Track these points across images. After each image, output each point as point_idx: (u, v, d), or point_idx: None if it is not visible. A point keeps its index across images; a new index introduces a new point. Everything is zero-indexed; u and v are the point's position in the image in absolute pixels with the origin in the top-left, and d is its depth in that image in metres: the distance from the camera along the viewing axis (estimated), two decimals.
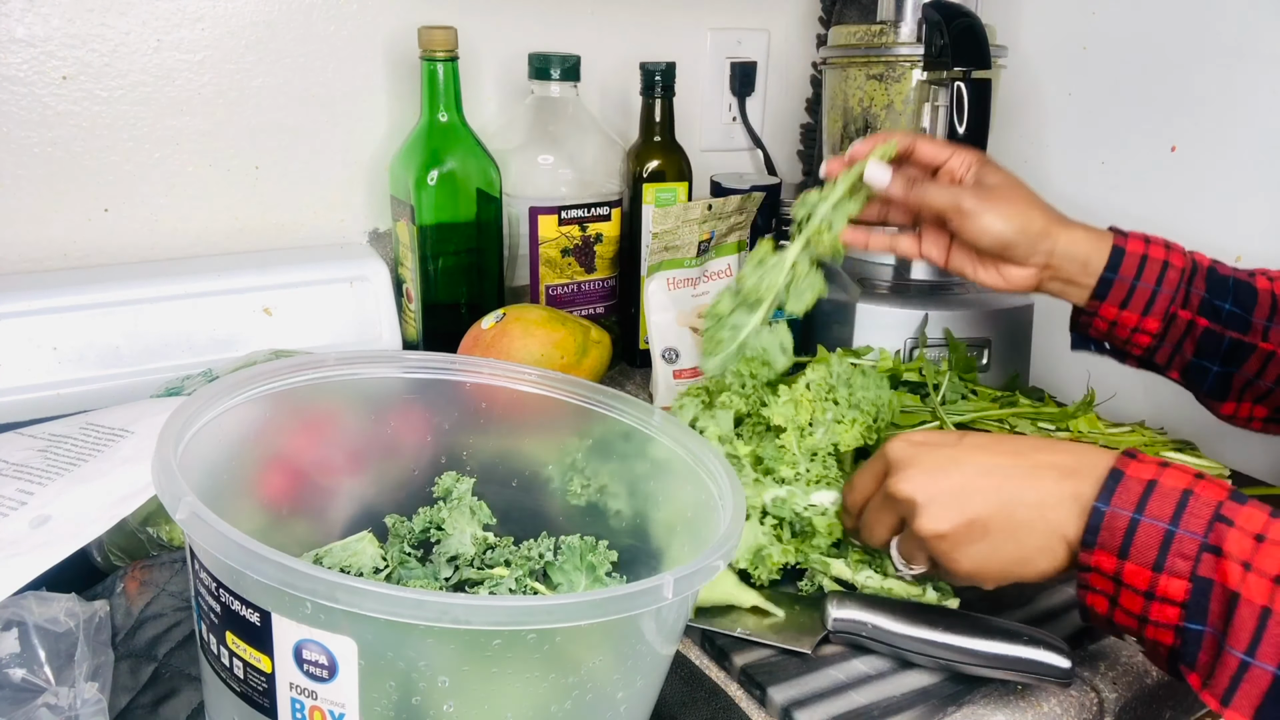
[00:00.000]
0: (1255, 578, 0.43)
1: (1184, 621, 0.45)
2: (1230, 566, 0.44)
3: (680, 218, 0.81)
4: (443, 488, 0.58)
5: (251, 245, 0.97)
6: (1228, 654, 0.43)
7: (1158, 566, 0.45)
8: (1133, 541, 0.46)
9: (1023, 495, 0.51)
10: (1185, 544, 0.45)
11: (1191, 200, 0.97)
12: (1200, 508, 0.46)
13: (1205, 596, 0.44)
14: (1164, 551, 0.45)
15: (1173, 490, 0.47)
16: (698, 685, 0.56)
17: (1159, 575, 0.45)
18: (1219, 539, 0.45)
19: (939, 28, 0.88)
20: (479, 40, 1.01)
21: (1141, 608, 0.47)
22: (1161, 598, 0.46)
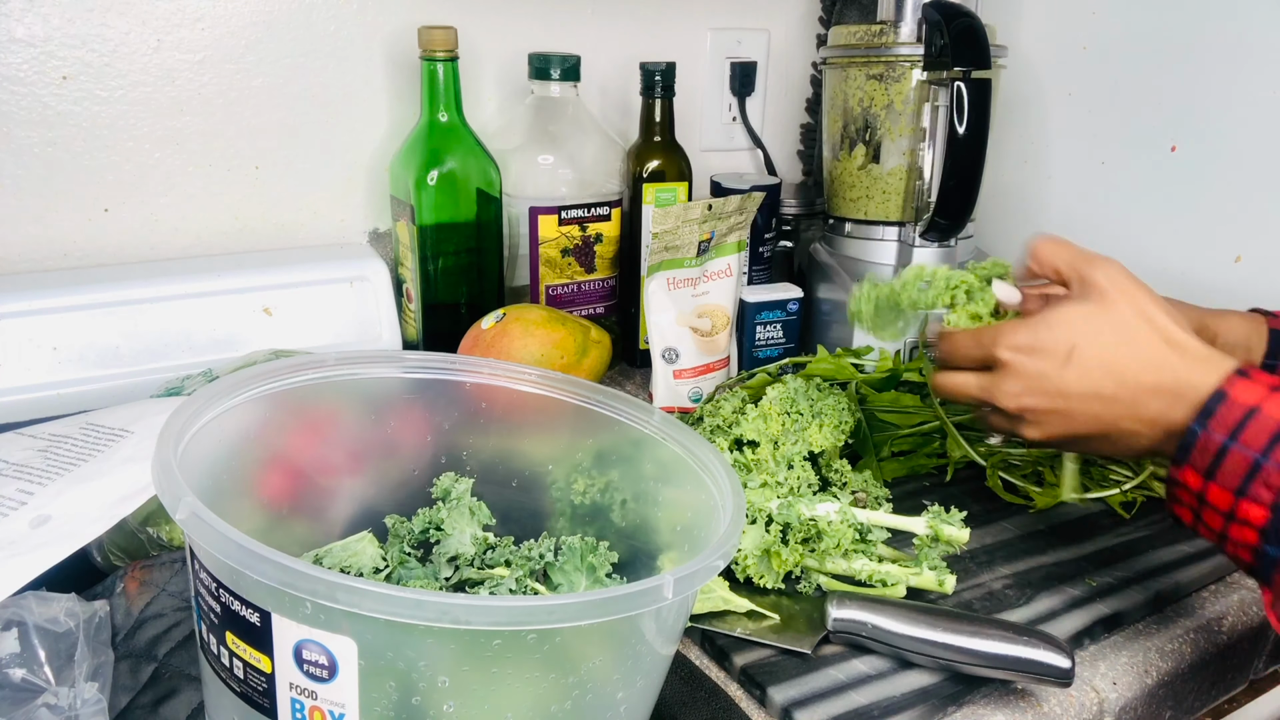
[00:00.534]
0: None
1: (1262, 544, 0.48)
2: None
3: (680, 218, 0.81)
4: (441, 488, 0.58)
5: (251, 245, 0.97)
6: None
7: (1240, 492, 0.48)
8: (1221, 465, 0.49)
9: (1122, 424, 0.54)
10: (1271, 475, 0.47)
11: (1191, 200, 0.97)
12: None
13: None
14: (1248, 479, 0.48)
15: (1271, 419, 0.48)
16: (698, 685, 0.56)
17: (1239, 500, 0.48)
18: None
19: (939, 28, 0.88)
20: (479, 40, 1.01)
21: (1222, 526, 0.50)
22: (1242, 520, 0.49)
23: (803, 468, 0.68)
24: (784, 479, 0.67)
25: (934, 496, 0.77)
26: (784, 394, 0.73)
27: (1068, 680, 0.55)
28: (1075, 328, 0.55)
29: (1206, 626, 0.64)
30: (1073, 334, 0.55)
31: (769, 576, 0.63)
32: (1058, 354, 0.55)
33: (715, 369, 0.88)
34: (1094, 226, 1.06)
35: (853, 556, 0.64)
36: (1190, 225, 0.97)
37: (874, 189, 1.01)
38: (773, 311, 0.94)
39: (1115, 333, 0.54)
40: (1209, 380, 0.51)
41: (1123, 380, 0.53)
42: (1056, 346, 0.55)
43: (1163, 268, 0.98)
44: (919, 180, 0.97)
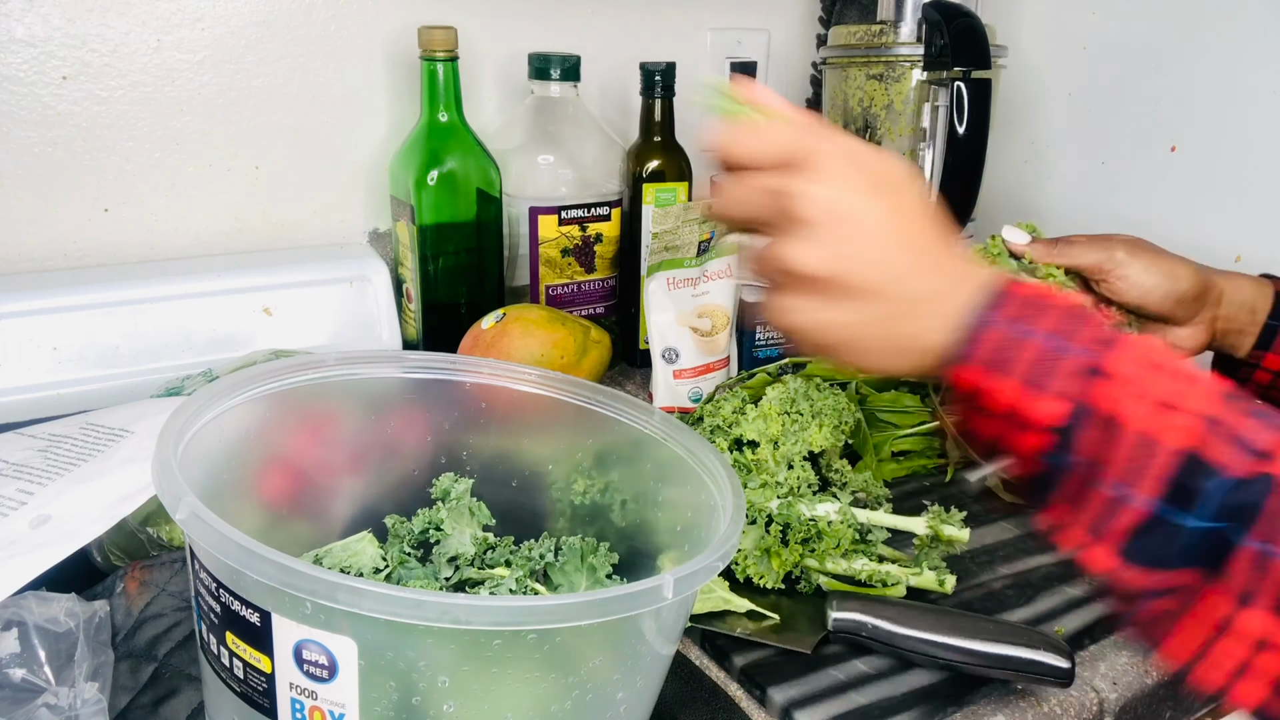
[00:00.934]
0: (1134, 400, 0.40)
1: (1054, 448, 0.41)
2: (1110, 386, 0.40)
3: (680, 218, 0.81)
4: (440, 489, 0.58)
5: (251, 245, 0.97)
6: (1097, 486, 0.40)
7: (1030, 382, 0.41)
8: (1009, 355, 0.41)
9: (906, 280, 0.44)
10: (1066, 361, 0.41)
11: (1191, 200, 0.97)
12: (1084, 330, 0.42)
13: (1081, 423, 0.40)
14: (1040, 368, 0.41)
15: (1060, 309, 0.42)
16: (698, 685, 0.56)
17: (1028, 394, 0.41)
18: (1099, 358, 0.41)
19: (939, 28, 0.88)
20: (479, 40, 1.01)
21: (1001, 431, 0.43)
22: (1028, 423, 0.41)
23: (802, 468, 0.68)
24: (784, 479, 0.67)
25: (934, 496, 0.78)
26: (784, 394, 0.73)
27: (1068, 680, 0.55)
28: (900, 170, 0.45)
29: None
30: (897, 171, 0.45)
31: (769, 576, 0.63)
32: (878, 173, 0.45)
33: (715, 369, 0.88)
34: (1094, 227, 1.06)
35: (853, 556, 0.64)
36: (1190, 225, 0.97)
37: None
38: None
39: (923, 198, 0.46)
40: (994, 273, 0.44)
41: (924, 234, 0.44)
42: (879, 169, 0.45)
43: None
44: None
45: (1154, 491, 0.39)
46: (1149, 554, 0.39)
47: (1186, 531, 0.38)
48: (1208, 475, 0.38)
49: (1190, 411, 0.39)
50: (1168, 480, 0.39)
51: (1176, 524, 0.39)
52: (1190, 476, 0.38)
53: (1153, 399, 0.39)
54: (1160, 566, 0.39)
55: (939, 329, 0.43)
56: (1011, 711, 0.56)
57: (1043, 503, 0.43)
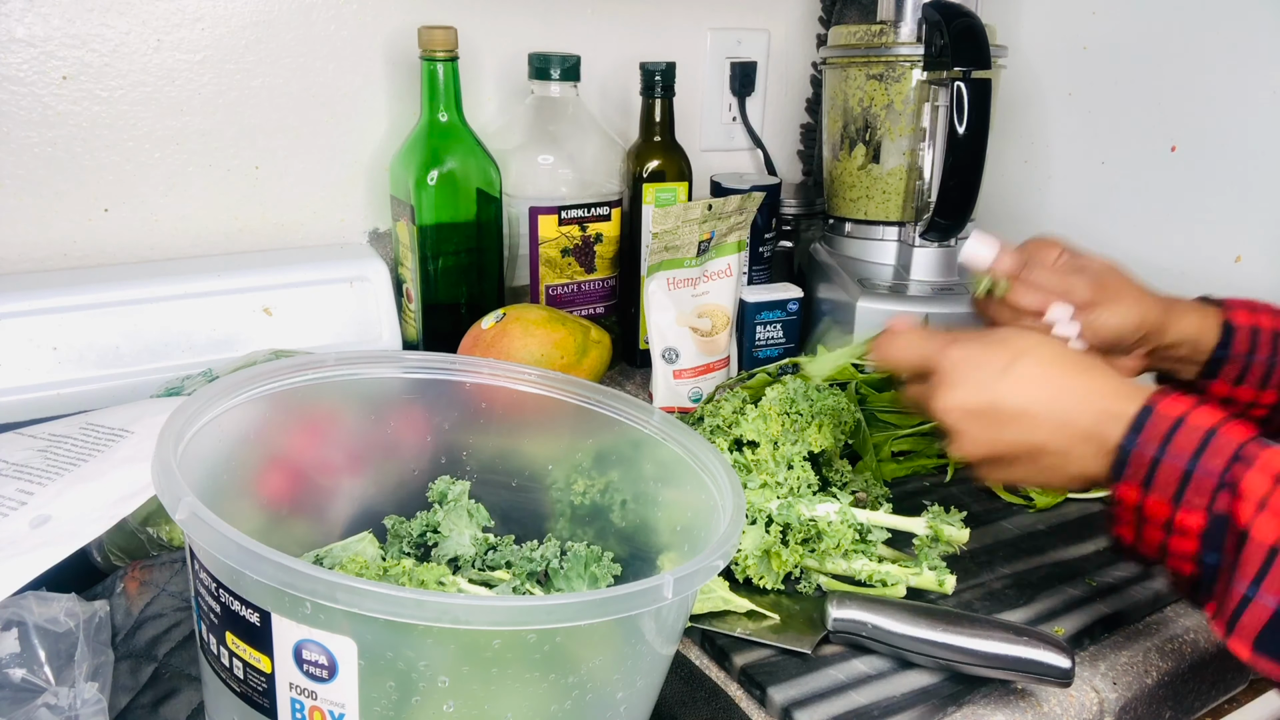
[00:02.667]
0: (1267, 516, 0.45)
1: (1201, 552, 0.48)
2: (1243, 505, 0.46)
3: (680, 218, 0.81)
4: (438, 491, 0.58)
5: (251, 245, 0.97)
6: (1234, 586, 0.46)
7: (1176, 500, 0.48)
8: (1155, 476, 0.49)
9: (1052, 442, 0.53)
10: (1203, 481, 0.48)
11: (1191, 200, 0.97)
12: (1222, 445, 0.48)
13: (1220, 531, 0.47)
14: (1182, 486, 0.48)
15: (1197, 429, 0.49)
16: (698, 685, 0.56)
17: (1177, 509, 0.48)
18: (1236, 477, 0.47)
19: (939, 28, 0.88)
20: (479, 40, 1.01)
21: (1162, 539, 0.50)
22: (1180, 530, 0.48)
23: (802, 468, 0.68)
24: (784, 479, 0.67)
25: (934, 496, 0.77)
26: (784, 394, 0.73)
27: (1068, 680, 0.55)
28: (1016, 344, 0.56)
29: (1207, 626, 0.64)
30: (1013, 348, 0.56)
31: (769, 577, 0.63)
32: (996, 365, 0.55)
33: (715, 369, 0.88)
34: (1094, 226, 1.06)
35: (853, 557, 0.64)
36: (1190, 225, 0.97)
37: (874, 189, 1.01)
38: (773, 311, 0.94)
39: (1052, 354, 0.55)
40: (1136, 399, 0.51)
41: (1056, 397, 0.54)
42: (996, 358, 0.55)
43: (1163, 268, 0.98)
44: (919, 180, 0.97)
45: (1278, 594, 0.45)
46: (1276, 648, 0.45)
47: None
48: None
49: None
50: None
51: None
52: None
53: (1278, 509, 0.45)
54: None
55: (1097, 462, 0.52)
56: (1011, 711, 0.56)
57: (1199, 604, 0.50)
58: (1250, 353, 0.67)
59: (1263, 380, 0.67)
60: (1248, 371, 0.67)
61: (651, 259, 0.83)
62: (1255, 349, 0.67)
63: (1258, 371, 0.67)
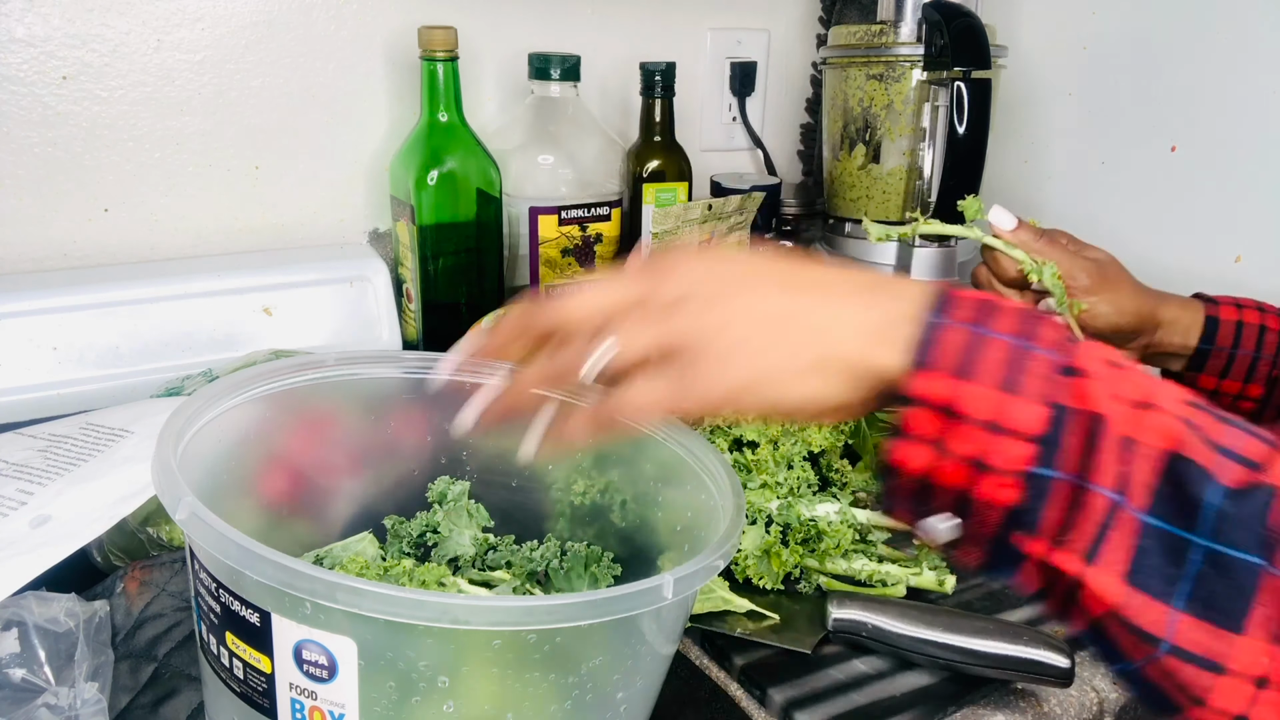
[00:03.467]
0: (1116, 404, 0.35)
1: (1036, 465, 0.35)
2: (1093, 387, 0.35)
3: (680, 218, 0.81)
4: (437, 491, 0.58)
5: (251, 245, 0.97)
6: (1091, 496, 0.34)
7: (1009, 386, 0.35)
8: (975, 358, 0.36)
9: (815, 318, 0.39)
10: (1040, 362, 0.35)
11: (1191, 200, 0.97)
12: (1048, 329, 0.37)
13: (1062, 428, 0.35)
14: (1014, 367, 0.35)
15: (1014, 309, 0.37)
16: (698, 685, 0.56)
17: (1012, 398, 0.35)
18: (1073, 358, 0.36)
19: (939, 28, 0.88)
20: (479, 40, 1.01)
21: (979, 449, 0.35)
22: (1011, 431, 0.35)
23: (802, 468, 0.68)
24: (784, 479, 0.67)
25: None
26: None
27: (1068, 680, 0.55)
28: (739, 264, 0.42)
29: None
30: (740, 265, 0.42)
31: (769, 577, 0.63)
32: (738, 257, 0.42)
33: None
34: (1094, 226, 1.06)
35: (853, 557, 0.64)
36: (1190, 225, 0.97)
37: (874, 189, 1.01)
38: None
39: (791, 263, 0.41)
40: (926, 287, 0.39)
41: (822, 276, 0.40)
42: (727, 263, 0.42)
43: (1163, 268, 0.98)
44: (919, 180, 0.97)
45: (1146, 502, 0.34)
46: (1157, 576, 0.34)
47: (1193, 547, 0.33)
48: (1203, 482, 0.34)
49: (1167, 412, 0.35)
50: (1160, 489, 0.34)
51: (1180, 538, 0.34)
52: (1183, 484, 0.34)
53: (1128, 399, 0.35)
54: (1171, 600, 0.34)
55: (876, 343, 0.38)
56: (1011, 711, 0.56)
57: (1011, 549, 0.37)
58: (1234, 347, 0.68)
59: (1248, 374, 0.68)
60: (1232, 364, 0.68)
61: None
62: (1239, 343, 0.68)
63: (1242, 365, 0.68)
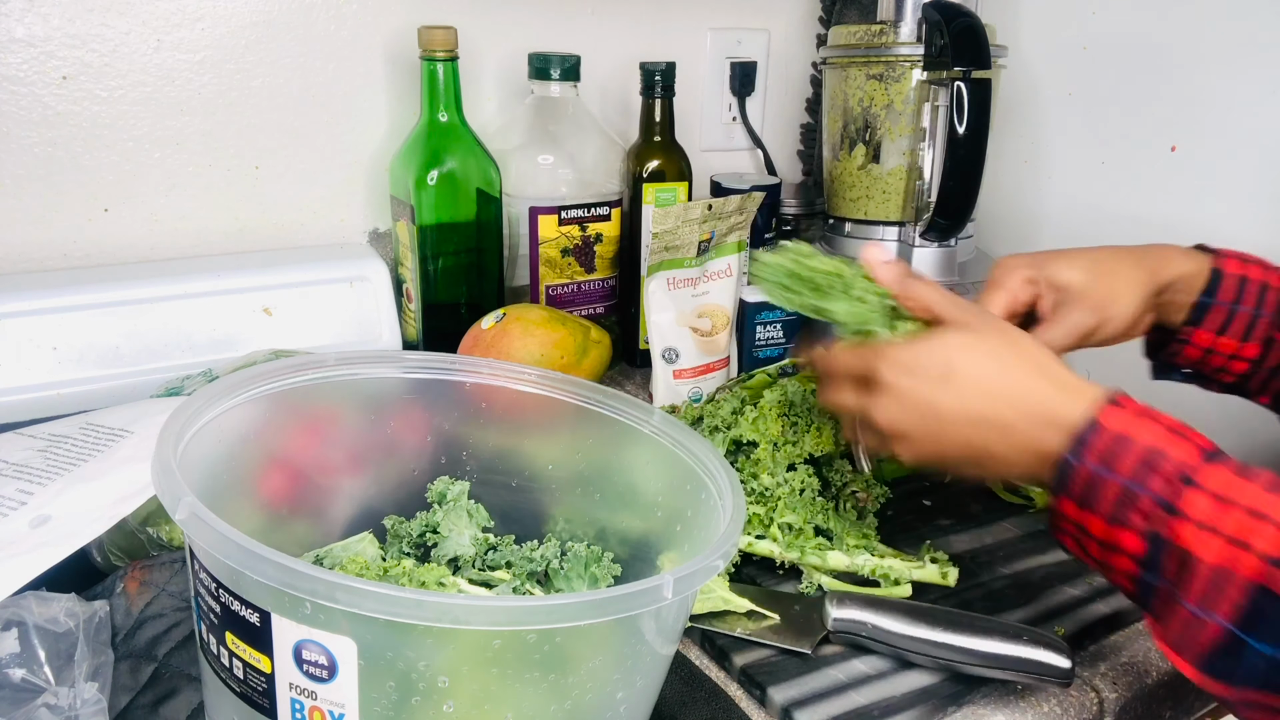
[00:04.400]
0: (1208, 536, 0.44)
1: (1141, 573, 0.47)
2: (1184, 526, 0.45)
3: (680, 218, 0.81)
4: (437, 492, 0.58)
5: (251, 245, 0.97)
6: (1178, 606, 0.45)
7: (1113, 520, 0.47)
8: (1094, 495, 0.48)
9: (994, 449, 0.52)
10: (1141, 501, 0.46)
11: (1191, 200, 0.97)
12: (1165, 465, 0.46)
13: (1158, 553, 0.46)
14: (1120, 507, 0.47)
15: (1139, 445, 0.47)
16: (698, 685, 0.56)
17: (1115, 529, 0.47)
18: (1176, 496, 0.46)
19: (939, 28, 0.88)
20: (479, 40, 1.01)
21: (1102, 555, 0.49)
22: (1119, 549, 0.47)
23: (805, 471, 0.68)
24: (784, 480, 0.67)
25: (934, 497, 0.77)
26: (783, 395, 0.73)
27: (1068, 680, 0.55)
28: (952, 351, 0.55)
29: None
30: (949, 356, 0.54)
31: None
32: (933, 374, 0.54)
33: (715, 369, 0.88)
34: (1094, 226, 1.06)
35: (854, 553, 0.64)
36: (1190, 225, 0.96)
37: (874, 189, 1.01)
38: (773, 312, 0.94)
39: (990, 358, 0.54)
40: (1079, 407, 0.50)
41: (996, 404, 0.52)
42: (933, 367, 0.54)
43: None
44: (919, 180, 0.97)
45: (1229, 616, 0.43)
46: (1223, 671, 0.44)
47: (1254, 654, 0.43)
48: (1275, 610, 0.42)
49: (1256, 549, 0.43)
50: (1238, 610, 0.43)
51: (1247, 645, 0.43)
52: (1259, 606, 0.42)
53: (1225, 534, 0.44)
54: (1235, 683, 0.44)
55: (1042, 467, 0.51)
56: (1011, 711, 0.56)
57: (1147, 610, 0.48)
58: (1235, 301, 0.66)
59: (1245, 332, 0.67)
60: (1232, 320, 0.67)
61: (651, 259, 0.83)
62: (1241, 299, 0.66)
63: (1241, 322, 0.67)
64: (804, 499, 0.66)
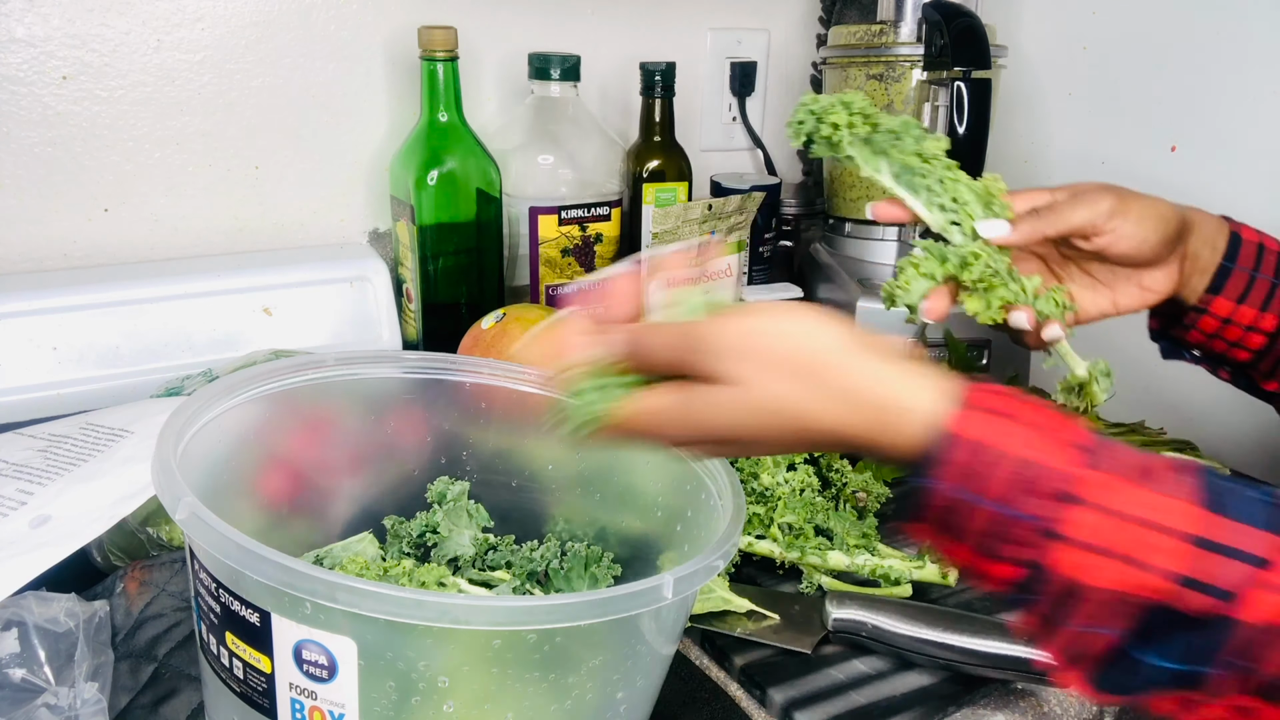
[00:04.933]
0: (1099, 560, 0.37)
1: (1016, 593, 0.40)
2: (1068, 552, 0.38)
3: (680, 218, 0.81)
4: (436, 492, 0.58)
5: (251, 245, 0.97)
6: (1062, 624, 0.39)
7: (982, 550, 0.39)
8: (956, 523, 0.39)
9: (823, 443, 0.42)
10: (1016, 529, 0.38)
11: (1191, 200, 0.96)
12: (1040, 482, 0.38)
13: (1039, 580, 0.38)
14: (990, 537, 0.39)
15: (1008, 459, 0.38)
16: (698, 685, 0.56)
17: (982, 559, 0.39)
18: (1055, 520, 0.38)
19: (939, 28, 0.88)
20: (479, 40, 1.01)
21: (970, 572, 0.41)
22: (989, 578, 0.40)
23: (805, 470, 0.68)
24: (784, 480, 0.67)
25: None
26: None
27: None
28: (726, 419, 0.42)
29: None
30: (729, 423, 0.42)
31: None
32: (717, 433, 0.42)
33: None
34: None
35: (854, 552, 0.64)
36: None
37: (874, 189, 1.01)
38: None
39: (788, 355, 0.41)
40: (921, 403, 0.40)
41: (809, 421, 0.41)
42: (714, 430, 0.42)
43: None
44: None
45: (1120, 630, 0.38)
46: (1118, 684, 0.39)
47: (1150, 668, 0.38)
48: (1172, 624, 0.37)
49: (1157, 567, 0.37)
50: (1133, 623, 0.38)
51: (1143, 661, 0.38)
52: (1154, 625, 0.37)
53: (1118, 553, 0.37)
54: (1131, 693, 0.39)
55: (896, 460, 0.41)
56: (1011, 711, 0.56)
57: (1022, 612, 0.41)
58: (1255, 268, 0.64)
59: (1265, 301, 0.64)
60: (1251, 288, 0.63)
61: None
62: (1260, 266, 0.64)
63: (1261, 291, 0.64)
64: (804, 499, 0.66)
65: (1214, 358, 0.68)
